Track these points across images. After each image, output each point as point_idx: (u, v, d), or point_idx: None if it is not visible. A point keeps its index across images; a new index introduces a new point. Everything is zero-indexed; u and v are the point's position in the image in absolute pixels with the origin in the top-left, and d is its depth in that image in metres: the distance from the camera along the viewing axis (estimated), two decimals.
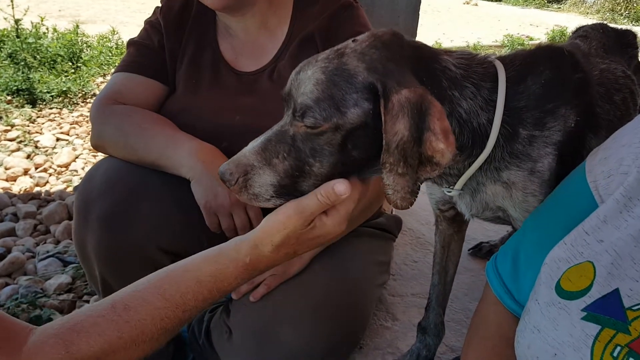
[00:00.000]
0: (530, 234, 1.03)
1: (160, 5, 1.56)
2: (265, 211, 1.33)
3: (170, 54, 1.50)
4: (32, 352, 0.76)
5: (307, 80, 0.91)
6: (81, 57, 5.11)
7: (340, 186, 0.89)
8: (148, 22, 1.56)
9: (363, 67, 0.89)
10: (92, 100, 1.45)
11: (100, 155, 1.46)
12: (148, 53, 1.51)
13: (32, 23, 5.10)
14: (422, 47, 1.00)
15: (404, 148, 0.85)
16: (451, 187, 1.14)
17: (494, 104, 1.02)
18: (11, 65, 4.44)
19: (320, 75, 0.90)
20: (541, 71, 1.07)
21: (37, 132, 3.71)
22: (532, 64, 1.09)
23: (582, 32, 1.59)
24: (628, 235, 0.74)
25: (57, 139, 3.64)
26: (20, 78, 4.20)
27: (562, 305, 0.77)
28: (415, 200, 0.90)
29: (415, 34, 2.61)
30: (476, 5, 15.58)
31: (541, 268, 0.86)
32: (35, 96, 4.17)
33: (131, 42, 1.55)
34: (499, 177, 1.09)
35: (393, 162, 0.86)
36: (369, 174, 0.97)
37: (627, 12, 13.50)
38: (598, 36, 1.52)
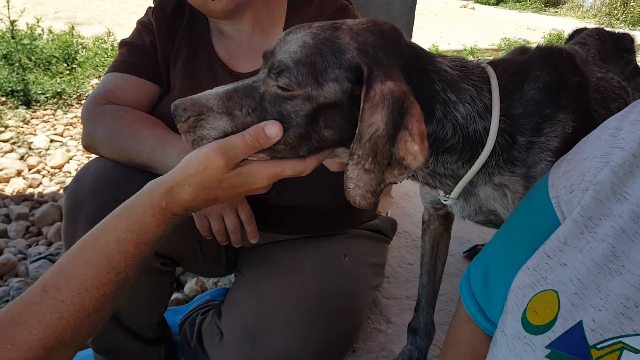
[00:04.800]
0: (499, 250, 1.00)
1: (152, 5, 1.55)
2: (256, 213, 1.32)
3: (162, 54, 1.49)
4: None
5: (293, 40, 0.87)
6: (76, 59, 5.08)
7: (271, 128, 0.84)
8: (140, 23, 1.55)
9: (354, 47, 0.86)
10: None
11: (94, 157, 1.45)
12: (140, 53, 1.50)
13: (27, 24, 5.08)
14: (418, 47, 0.98)
15: (376, 142, 0.81)
16: (446, 195, 1.12)
17: (490, 111, 0.99)
18: (6, 66, 4.42)
19: (309, 39, 0.86)
20: (539, 75, 1.05)
21: (30, 134, 3.69)
22: (529, 68, 1.07)
23: (580, 39, 1.58)
24: (591, 261, 0.70)
25: (51, 140, 3.62)
26: (14, 79, 4.18)
27: (527, 340, 0.74)
28: (375, 201, 0.86)
29: (411, 36, 2.60)
30: (473, 9, 15.61)
31: (508, 295, 0.83)
32: (29, 97, 4.15)
33: (123, 43, 1.54)
34: (491, 180, 1.08)
35: (362, 154, 0.82)
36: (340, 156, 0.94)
37: (624, 16, 13.54)
38: (595, 43, 1.51)
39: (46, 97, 4.22)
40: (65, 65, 4.92)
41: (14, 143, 3.49)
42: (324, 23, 0.90)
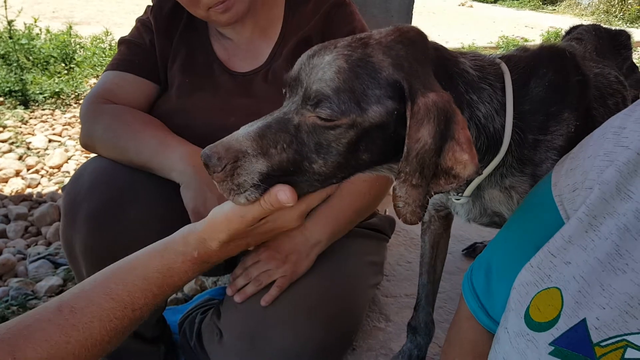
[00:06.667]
0: (502, 248, 1.00)
1: (152, 4, 1.55)
2: None
3: (161, 53, 1.49)
4: None
5: (326, 66, 0.82)
6: (74, 58, 5.08)
7: (282, 195, 0.83)
8: (139, 21, 1.55)
9: (389, 63, 0.82)
10: None
11: (92, 156, 1.45)
12: (139, 52, 1.49)
13: (25, 24, 5.07)
14: (443, 49, 0.96)
15: (423, 157, 0.78)
16: (460, 194, 1.10)
17: (505, 107, 0.98)
18: (4, 67, 4.42)
19: (343, 63, 0.81)
20: (544, 73, 1.05)
21: (29, 134, 3.68)
22: (535, 66, 1.06)
23: (576, 34, 1.58)
24: (595, 259, 0.70)
25: (50, 140, 3.62)
26: (12, 79, 4.18)
27: (530, 337, 0.74)
28: (424, 214, 0.84)
29: None
30: (471, 7, 15.64)
31: (510, 292, 0.83)
32: (27, 97, 4.15)
33: (122, 41, 1.54)
34: (501, 183, 1.07)
35: (409, 171, 0.79)
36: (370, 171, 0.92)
37: (621, 13, 13.55)
38: (592, 39, 1.51)
39: (44, 97, 4.22)
40: (63, 65, 4.92)
41: (12, 143, 3.49)
42: (350, 40, 0.87)
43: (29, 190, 2.97)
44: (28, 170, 3.18)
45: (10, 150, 3.38)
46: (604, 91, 1.21)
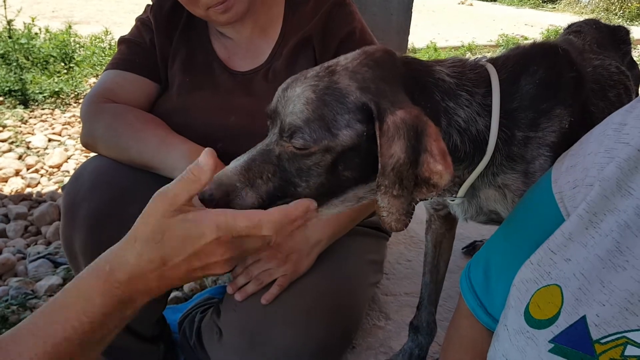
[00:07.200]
0: (500, 245, 1.00)
1: (151, 3, 1.54)
2: None
3: (161, 52, 1.49)
4: None
5: (296, 98, 0.87)
6: (74, 58, 5.09)
7: (202, 157, 0.80)
8: (139, 20, 1.54)
9: (355, 87, 0.86)
10: None
11: (92, 155, 1.45)
12: (139, 51, 1.49)
13: (24, 24, 5.08)
14: (414, 62, 0.98)
15: (399, 170, 0.82)
16: (453, 195, 1.12)
17: (489, 108, 1.00)
18: (3, 66, 4.42)
19: (311, 94, 0.86)
20: (535, 71, 1.06)
21: (28, 133, 3.69)
22: (525, 64, 1.07)
23: (575, 28, 1.58)
24: (595, 256, 0.70)
25: (49, 140, 3.62)
26: (12, 79, 4.18)
27: (530, 335, 0.74)
28: (410, 221, 0.87)
29: (408, 32, 2.60)
30: (471, 5, 15.65)
31: (510, 290, 0.83)
32: (27, 97, 4.15)
33: (122, 40, 1.53)
34: (494, 182, 1.08)
35: (388, 184, 0.83)
36: (358, 191, 0.94)
37: (621, 11, 13.56)
38: (591, 32, 1.51)
39: (44, 97, 4.23)
40: (62, 64, 4.92)
41: (12, 143, 3.49)
42: (318, 70, 0.91)
43: (28, 189, 2.97)
44: (28, 169, 3.18)
45: (10, 150, 3.38)
46: (604, 83, 1.21)
